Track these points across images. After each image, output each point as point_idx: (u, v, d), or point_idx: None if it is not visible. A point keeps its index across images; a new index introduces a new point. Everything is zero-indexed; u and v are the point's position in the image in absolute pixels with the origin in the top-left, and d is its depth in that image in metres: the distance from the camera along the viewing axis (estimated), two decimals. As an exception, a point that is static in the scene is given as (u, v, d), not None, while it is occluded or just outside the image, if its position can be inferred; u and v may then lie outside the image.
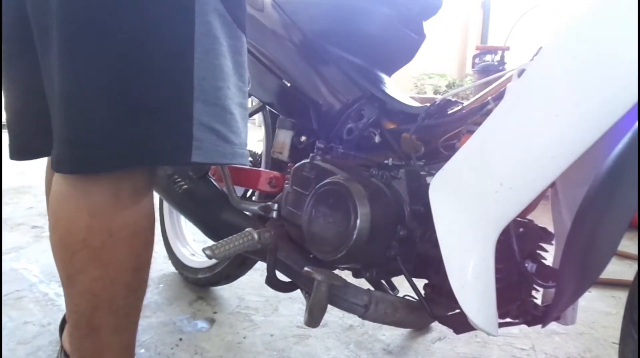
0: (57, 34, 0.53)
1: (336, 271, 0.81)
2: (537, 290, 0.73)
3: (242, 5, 0.63)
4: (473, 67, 3.63)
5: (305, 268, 0.77)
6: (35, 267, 1.51)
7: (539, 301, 0.75)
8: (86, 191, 0.59)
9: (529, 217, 0.73)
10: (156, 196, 1.34)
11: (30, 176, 2.83)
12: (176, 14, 0.54)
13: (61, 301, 1.30)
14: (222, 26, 0.59)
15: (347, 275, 0.82)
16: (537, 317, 0.72)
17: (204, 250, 0.80)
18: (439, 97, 0.87)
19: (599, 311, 1.40)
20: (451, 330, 0.75)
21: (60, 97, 0.55)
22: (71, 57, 0.53)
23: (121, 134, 0.55)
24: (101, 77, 0.54)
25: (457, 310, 0.70)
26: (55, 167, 0.57)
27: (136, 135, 0.55)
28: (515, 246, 0.68)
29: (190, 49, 0.55)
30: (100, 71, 0.53)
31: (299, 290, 0.91)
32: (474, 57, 3.66)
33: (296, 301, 1.35)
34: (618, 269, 1.73)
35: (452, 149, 0.77)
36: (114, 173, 0.59)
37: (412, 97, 1.02)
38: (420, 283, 0.78)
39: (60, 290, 1.36)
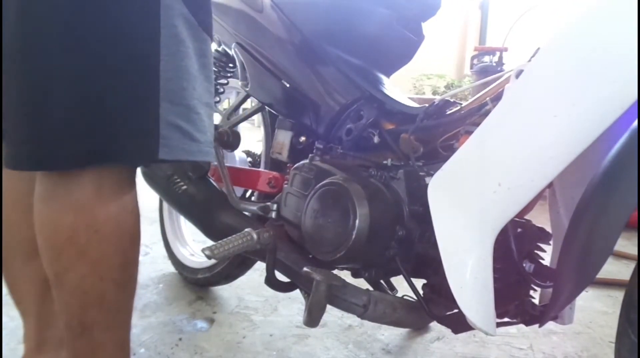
0: (21, 36, 0.55)
1: (335, 271, 0.81)
2: (535, 290, 0.73)
3: (207, 9, 0.65)
4: (471, 68, 3.63)
5: (305, 268, 0.77)
6: (35, 267, 1.51)
7: (536, 301, 0.75)
8: (69, 189, 0.60)
9: (526, 217, 0.74)
10: (156, 196, 1.35)
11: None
12: (142, 18, 0.57)
13: (60, 302, 1.30)
14: (188, 29, 0.61)
15: (346, 275, 0.83)
16: (534, 316, 0.73)
17: (203, 250, 0.81)
18: (437, 98, 0.88)
19: (596, 310, 1.40)
20: (450, 330, 0.76)
21: (22, 97, 0.56)
22: (36, 60, 0.55)
23: (90, 132, 0.57)
24: (66, 80, 0.55)
25: (456, 310, 0.70)
26: (11, 164, 0.59)
27: (105, 133, 0.57)
28: (513, 246, 0.68)
29: (157, 51, 0.58)
30: (66, 72, 0.55)
31: (298, 290, 0.91)
32: (473, 58, 3.66)
33: (295, 301, 1.36)
34: (615, 269, 1.74)
35: (450, 150, 0.78)
36: (94, 169, 0.60)
37: (411, 98, 1.02)
38: (419, 283, 0.78)
39: (60, 290, 1.36)
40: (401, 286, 0.98)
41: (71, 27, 0.54)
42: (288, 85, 1.02)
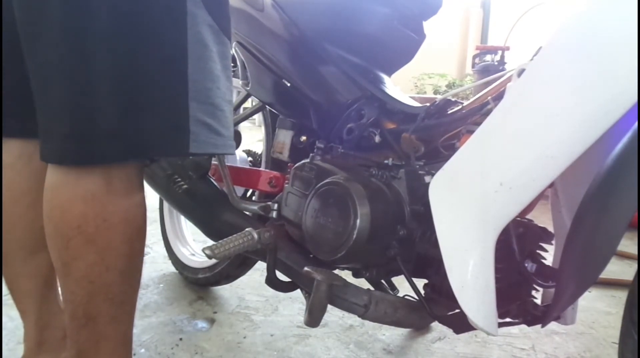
0: (61, 39, 0.59)
1: (336, 271, 0.81)
2: (537, 290, 0.73)
3: (227, 15, 0.71)
4: (473, 67, 3.63)
5: (305, 268, 0.77)
6: (36, 267, 1.51)
7: (538, 301, 0.75)
8: (80, 179, 0.63)
9: (528, 217, 0.73)
10: (156, 196, 1.35)
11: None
12: (170, 26, 0.62)
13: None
14: (211, 35, 0.67)
15: (347, 275, 0.82)
16: (537, 316, 0.72)
17: (204, 249, 0.80)
18: (439, 97, 0.87)
19: (598, 311, 1.40)
20: (451, 330, 0.75)
21: (65, 95, 0.60)
22: (79, 62, 0.59)
23: (126, 129, 0.61)
24: (105, 81, 0.60)
25: (457, 310, 0.70)
26: (55, 159, 0.63)
27: (140, 130, 0.62)
28: (515, 246, 0.68)
29: (185, 56, 0.63)
30: (104, 76, 0.60)
31: (299, 290, 0.91)
32: (474, 57, 3.66)
33: (296, 301, 1.36)
34: (618, 269, 1.73)
35: (452, 149, 0.77)
36: (124, 163, 0.66)
37: (412, 97, 1.02)
38: (420, 283, 0.78)
39: (61, 290, 1.36)
40: (402, 286, 0.98)
41: (110, 32, 0.59)
42: (289, 84, 1.02)
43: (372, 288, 0.86)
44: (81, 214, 0.63)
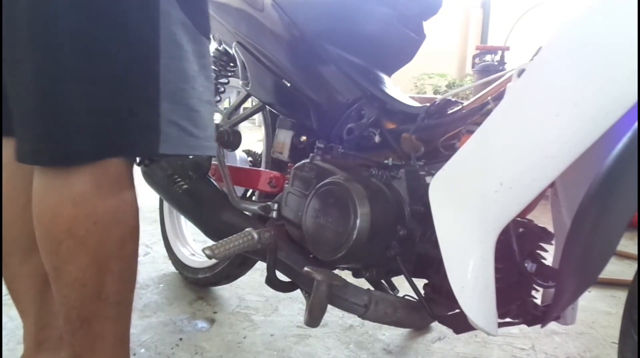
0: (30, 39, 0.58)
1: (336, 271, 0.81)
2: (537, 290, 0.73)
3: (204, 13, 0.70)
4: (473, 67, 3.63)
5: (305, 268, 0.77)
6: (36, 267, 1.51)
7: (538, 301, 0.75)
8: (69, 181, 0.62)
9: (528, 217, 0.73)
10: (156, 196, 1.35)
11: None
12: (143, 24, 0.62)
13: (61, 301, 1.30)
14: (186, 34, 0.66)
15: (347, 275, 0.82)
16: (536, 316, 0.72)
17: (204, 249, 0.80)
18: (439, 97, 0.87)
19: (598, 311, 1.40)
20: (451, 330, 0.75)
21: (37, 98, 0.59)
22: (48, 62, 0.59)
23: (97, 130, 0.61)
24: (76, 81, 0.59)
25: (457, 310, 0.70)
26: (30, 160, 0.62)
27: (111, 130, 0.62)
28: (515, 246, 0.68)
29: (157, 55, 0.62)
30: (75, 76, 0.59)
31: (299, 290, 0.91)
32: (474, 57, 3.66)
33: (296, 301, 1.36)
34: (618, 269, 1.73)
35: (452, 149, 0.77)
36: (94, 163, 0.63)
37: (412, 97, 1.02)
38: (420, 283, 0.78)
39: (61, 290, 1.36)
40: (402, 286, 0.98)
41: (79, 31, 0.58)
42: (289, 84, 1.02)
43: (372, 288, 0.86)
44: (71, 217, 0.62)
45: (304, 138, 1.04)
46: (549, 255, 0.74)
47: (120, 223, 0.66)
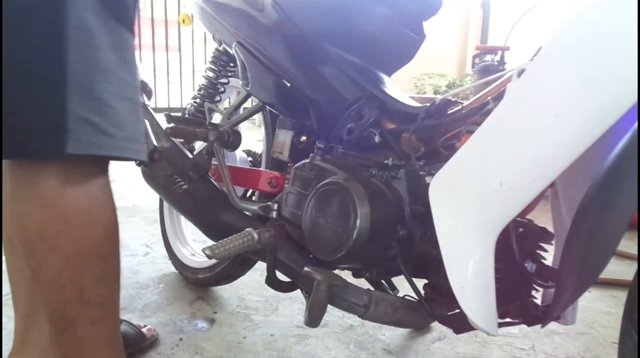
0: None
1: (336, 271, 0.81)
2: (537, 290, 0.73)
3: (124, 4, 0.64)
4: (473, 67, 3.63)
5: (305, 268, 0.77)
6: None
7: (538, 301, 0.75)
8: (35, 184, 0.60)
9: (528, 217, 0.73)
10: (156, 196, 1.35)
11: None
12: (47, 10, 0.55)
13: (61, 301, 1.30)
14: (100, 22, 0.59)
15: (347, 275, 0.82)
16: (536, 316, 0.72)
17: (204, 250, 0.80)
18: (439, 97, 0.87)
19: (598, 311, 1.40)
20: (451, 330, 0.75)
21: None
22: None
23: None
24: None
25: (457, 310, 0.70)
26: None
27: (12, 128, 0.57)
28: (515, 246, 0.68)
29: (62, 42, 0.56)
30: None
31: (299, 290, 0.91)
32: (474, 57, 3.66)
33: (296, 301, 1.36)
34: (618, 269, 1.73)
35: (452, 149, 0.77)
36: (58, 163, 0.60)
37: (412, 97, 1.02)
38: (420, 283, 0.78)
39: (61, 290, 1.36)
40: (402, 286, 0.98)
41: None
42: (289, 84, 1.02)
43: (372, 288, 0.86)
44: (40, 219, 0.60)
45: (304, 138, 1.04)
46: (549, 255, 0.74)
47: (95, 223, 0.63)
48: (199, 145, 1.36)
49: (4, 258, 0.81)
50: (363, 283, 0.84)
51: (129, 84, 0.64)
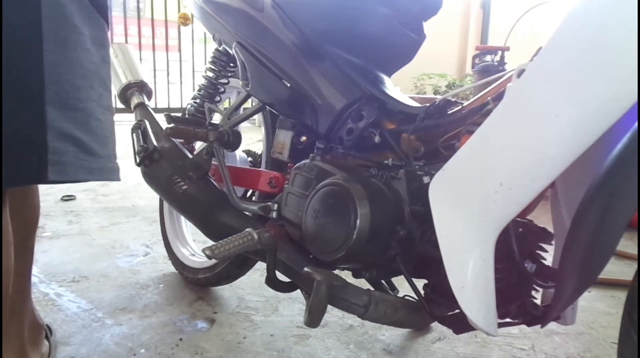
0: None
1: (336, 272, 0.81)
2: (537, 290, 0.73)
3: None
4: (473, 67, 3.63)
5: (305, 269, 0.77)
6: (35, 267, 1.51)
7: (538, 302, 0.75)
8: None
9: (528, 217, 0.73)
10: (156, 196, 1.35)
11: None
12: None
13: (62, 302, 1.30)
14: (80, 11, 0.47)
15: (347, 275, 0.82)
16: (536, 317, 0.72)
17: (203, 250, 0.80)
18: (438, 97, 0.87)
19: (598, 311, 1.40)
20: (451, 330, 0.75)
21: None
22: None
23: None
24: None
25: (457, 310, 0.70)
26: None
27: None
28: (515, 246, 0.68)
29: (37, 35, 0.42)
30: None
31: (299, 290, 0.91)
32: (474, 57, 3.66)
33: (296, 301, 1.36)
34: (617, 269, 1.73)
35: (451, 150, 0.77)
36: None
37: (412, 98, 1.02)
38: (420, 283, 0.78)
39: (61, 290, 1.36)
40: (402, 286, 0.98)
41: None
42: (289, 85, 1.02)
43: (372, 288, 0.86)
44: None
45: (304, 138, 1.04)
46: (549, 255, 0.74)
47: None
48: (199, 145, 1.36)
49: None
50: (363, 283, 0.85)
51: (108, 89, 0.54)
